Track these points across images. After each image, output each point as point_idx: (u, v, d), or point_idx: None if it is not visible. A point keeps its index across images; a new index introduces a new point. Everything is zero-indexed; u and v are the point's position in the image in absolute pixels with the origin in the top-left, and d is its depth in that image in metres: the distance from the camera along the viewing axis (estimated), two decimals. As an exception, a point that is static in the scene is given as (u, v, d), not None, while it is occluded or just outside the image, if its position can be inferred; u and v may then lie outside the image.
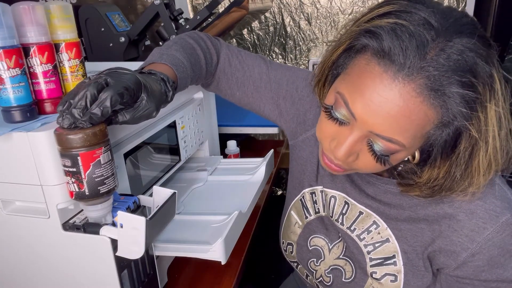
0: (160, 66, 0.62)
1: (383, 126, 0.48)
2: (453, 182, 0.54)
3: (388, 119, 0.47)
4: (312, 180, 0.77)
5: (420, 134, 0.49)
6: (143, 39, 1.26)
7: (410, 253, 0.63)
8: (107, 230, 0.52)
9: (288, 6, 2.06)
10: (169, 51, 0.66)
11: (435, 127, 0.49)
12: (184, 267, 0.82)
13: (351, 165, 0.55)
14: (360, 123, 0.50)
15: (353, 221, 0.69)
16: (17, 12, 0.52)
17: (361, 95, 0.49)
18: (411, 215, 0.62)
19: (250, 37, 2.16)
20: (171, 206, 0.58)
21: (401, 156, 0.52)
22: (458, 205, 0.58)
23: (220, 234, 0.61)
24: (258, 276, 1.43)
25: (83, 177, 0.48)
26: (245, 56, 0.79)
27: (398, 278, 0.64)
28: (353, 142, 0.52)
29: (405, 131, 0.48)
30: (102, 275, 0.56)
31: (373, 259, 0.66)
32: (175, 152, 0.84)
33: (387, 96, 0.47)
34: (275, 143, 1.48)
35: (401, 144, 0.49)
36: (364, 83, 0.49)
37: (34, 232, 0.57)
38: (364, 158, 0.54)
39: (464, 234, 0.58)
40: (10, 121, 0.54)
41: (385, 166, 0.54)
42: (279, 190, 2.38)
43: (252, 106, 0.82)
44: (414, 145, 0.51)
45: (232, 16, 1.28)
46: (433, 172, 0.55)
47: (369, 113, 0.48)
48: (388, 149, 0.50)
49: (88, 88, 0.46)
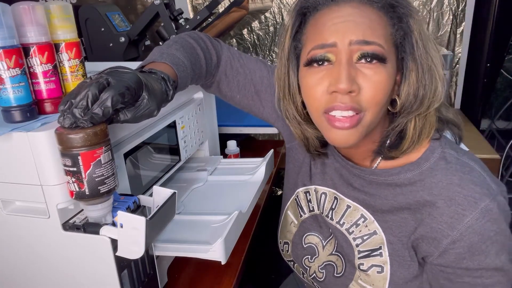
0: (160, 65, 0.62)
1: (357, 32, 0.54)
2: (420, 84, 0.57)
3: (356, 26, 0.54)
4: (306, 179, 0.78)
5: (387, 35, 0.56)
6: (143, 39, 1.26)
7: (396, 243, 0.63)
8: (107, 230, 0.52)
9: (288, 6, 2.06)
10: (169, 50, 0.66)
11: (393, 30, 0.56)
12: (184, 267, 0.82)
13: (356, 98, 0.55)
14: (340, 44, 0.55)
15: (341, 215, 0.70)
16: (17, 12, 0.52)
17: (326, 29, 0.56)
18: (393, 204, 0.63)
19: (250, 37, 2.16)
20: (171, 206, 0.58)
21: (388, 69, 0.55)
22: (437, 192, 0.58)
23: (220, 234, 0.61)
24: (258, 276, 1.43)
25: (83, 177, 0.48)
26: (246, 59, 0.80)
27: (384, 269, 0.65)
28: (345, 65, 0.54)
29: (374, 31, 0.55)
30: (102, 275, 0.56)
31: (361, 252, 0.67)
32: (175, 152, 0.84)
33: (344, 13, 0.55)
34: (275, 143, 1.48)
35: (380, 45, 0.54)
36: (322, 22, 0.57)
37: (34, 232, 0.57)
38: (364, 79, 0.55)
39: (443, 221, 0.58)
40: (10, 121, 0.54)
41: (383, 87, 0.55)
42: (279, 190, 2.38)
43: (252, 109, 0.83)
44: (390, 51, 0.56)
45: (232, 16, 1.28)
46: (403, 88, 0.58)
47: (340, 32, 0.55)
48: (375, 51, 0.54)
49: (89, 88, 0.46)
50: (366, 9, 0.55)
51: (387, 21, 0.56)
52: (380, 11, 0.56)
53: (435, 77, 0.57)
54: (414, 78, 0.57)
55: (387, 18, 0.56)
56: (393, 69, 0.57)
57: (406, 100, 0.58)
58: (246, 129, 1.31)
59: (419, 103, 0.57)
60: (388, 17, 0.56)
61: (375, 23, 0.55)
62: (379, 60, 0.54)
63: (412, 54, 0.57)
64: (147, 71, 0.58)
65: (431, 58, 0.57)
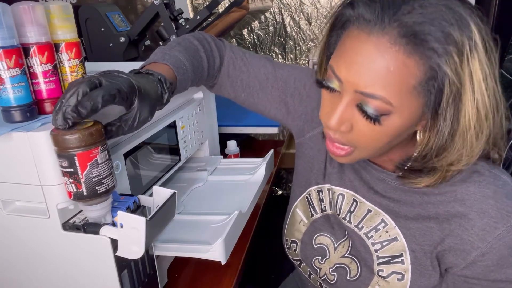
0: (160, 66, 0.62)
1: (365, 82, 0.49)
2: (443, 141, 0.52)
3: (368, 74, 0.49)
4: (319, 178, 0.76)
5: (406, 89, 0.49)
6: (143, 39, 1.26)
7: (418, 252, 0.63)
8: (107, 230, 0.52)
9: (288, 6, 2.06)
10: (171, 52, 0.65)
11: (419, 82, 0.49)
12: (184, 267, 0.82)
13: (348, 137, 0.55)
14: (346, 84, 0.52)
15: (361, 219, 0.68)
16: (17, 12, 0.52)
17: (344, 58, 0.52)
18: (421, 213, 0.62)
19: (250, 37, 2.16)
20: (171, 206, 0.58)
21: (395, 120, 0.51)
22: (470, 204, 0.58)
23: (220, 234, 0.61)
24: (258, 276, 1.43)
25: (80, 177, 0.48)
26: (250, 57, 0.79)
27: (405, 277, 0.64)
28: (342, 107, 0.53)
29: (388, 85, 0.49)
30: (102, 275, 0.56)
31: (380, 257, 0.66)
32: (175, 152, 0.84)
33: (365, 52, 0.49)
34: (275, 143, 1.48)
35: (387, 101, 0.49)
36: (346, 48, 0.52)
37: (34, 232, 0.57)
38: (357, 126, 0.53)
39: (474, 233, 0.57)
40: (10, 121, 0.54)
41: (381, 137, 0.53)
42: (279, 190, 2.38)
43: (258, 107, 0.81)
44: (403, 104, 0.50)
45: (232, 16, 1.28)
46: (425, 136, 0.54)
47: (351, 72, 0.51)
48: (377, 108, 0.50)
49: (80, 85, 0.46)
50: (391, 52, 0.48)
51: (413, 72, 0.48)
52: (410, 55, 0.47)
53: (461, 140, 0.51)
54: (434, 133, 0.53)
55: (415, 66, 0.48)
56: (404, 119, 0.51)
57: (422, 150, 0.55)
58: (246, 129, 1.31)
59: (441, 158, 0.54)
60: (418, 67, 0.48)
61: (394, 76, 0.48)
62: (377, 117, 0.51)
63: (437, 115, 0.51)
64: (144, 72, 0.58)
65: (459, 121, 0.50)
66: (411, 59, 0.47)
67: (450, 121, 0.50)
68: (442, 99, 0.49)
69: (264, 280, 1.42)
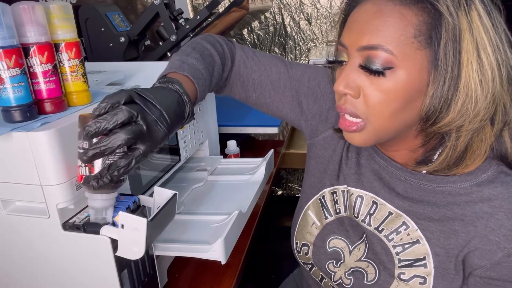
0: (181, 78, 0.61)
1: (365, 36, 0.52)
2: (446, 91, 0.51)
3: (367, 28, 0.52)
4: (333, 179, 0.74)
5: (405, 38, 0.50)
6: (143, 39, 1.26)
7: (442, 255, 0.61)
8: (107, 230, 0.52)
9: (288, 6, 2.07)
10: (189, 60, 0.64)
11: (419, 30, 0.50)
12: (184, 267, 0.82)
13: (357, 105, 0.55)
14: (349, 46, 0.54)
15: (381, 221, 0.66)
16: (17, 12, 0.52)
17: (347, 25, 0.56)
18: (446, 214, 0.60)
19: (250, 37, 2.16)
20: (172, 207, 0.58)
21: (401, 76, 0.51)
22: (498, 205, 0.57)
23: (220, 234, 0.61)
24: (258, 276, 1.43)
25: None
26: (261, 56, 0.77)
27: (427, 281, 0.62)
28: (348, 69, 0.54)
29: (387, 35, 0.50)
30: (102, 275, 0.56)
31: (402, 260, 0.64)
32: (175, 152, 0.84)
33: (364, 12, 0.53)
34: (275, 143, 1.48)
35: (388, 51, 0.50)
36: (350, 19, 0.56)
37: (34, 232, 0.57)
38: (365, 90, 0.54)
39: (501, 233, 0.56)
40: (10, 121, 0.54)
41: (390, 100, 0.52)
42: (279, 190, 2.38)
43: (270, 107, 0.79)
44: (406, 56, 0.50)
45: (232, 16, 1.28)
46: (430, 89, 0.53)
47: (352, 31, 0.54)
48: (380, 61, 0.51)
49: (122, 134, 0.47)
50: (388, 4, 0.51)
51: (411, 20, 0.50)
52: (407, 5, 0.50)
53: (464, 91, 0.50)
54: (434, 89, 0.52)
55: (412, 14, 0.50)
56: (410, 75, 0.51)
57: (428, 110, 0.53)
58: (246, 129, 1.31)
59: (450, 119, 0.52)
60: (416, 16, 0.50)
61: (392, 25, 0.50)
62: (381, 71, 0.51)
63: (436, 58, 0.51)
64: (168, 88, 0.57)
65: (461, 67, 0.50)
66: (407, 8, 0.50)
67: (451, 66, 0.50)
68: (441, 43, 0.50)
69: (264, 280, 1.42)
